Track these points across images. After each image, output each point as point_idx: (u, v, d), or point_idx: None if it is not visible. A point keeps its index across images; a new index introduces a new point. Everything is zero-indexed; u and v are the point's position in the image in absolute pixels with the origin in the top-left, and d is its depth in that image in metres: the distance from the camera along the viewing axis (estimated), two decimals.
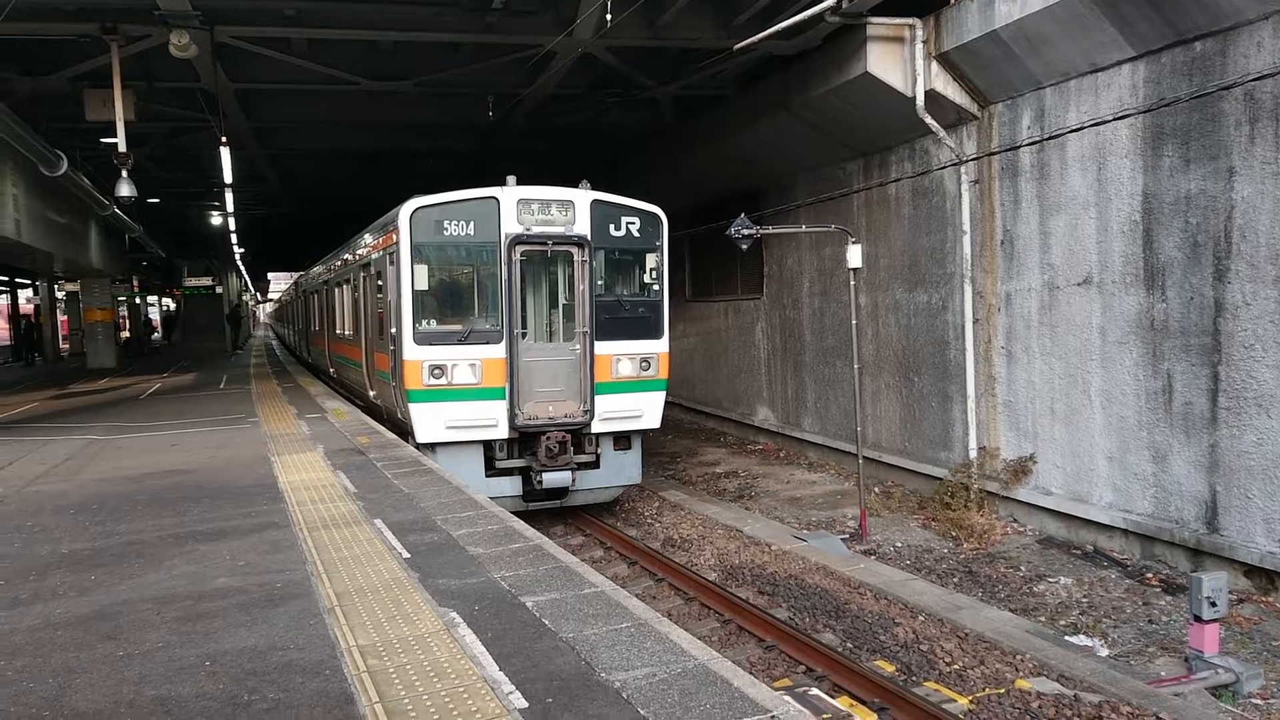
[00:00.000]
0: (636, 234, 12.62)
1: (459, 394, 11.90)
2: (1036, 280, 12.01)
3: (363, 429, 13.45)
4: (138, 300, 48.79)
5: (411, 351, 11.88)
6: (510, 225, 11.93)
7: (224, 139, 17.36)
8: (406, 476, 9.47)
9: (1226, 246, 9.44)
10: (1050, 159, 11.67)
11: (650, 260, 12.86)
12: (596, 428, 12.49)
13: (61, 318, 43.95)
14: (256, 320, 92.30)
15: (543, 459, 12.07)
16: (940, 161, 13.45)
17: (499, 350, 12.01)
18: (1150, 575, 10.23)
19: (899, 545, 12.10)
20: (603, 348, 12.39)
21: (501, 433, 12.12)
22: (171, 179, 26.36)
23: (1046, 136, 11.62)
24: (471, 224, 11.90)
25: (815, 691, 7.55)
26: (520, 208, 11.96)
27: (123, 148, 14.64)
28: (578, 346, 12.41)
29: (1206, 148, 9.59)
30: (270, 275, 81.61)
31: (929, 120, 12.83)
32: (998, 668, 8.17)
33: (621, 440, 13.02)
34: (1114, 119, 10.55)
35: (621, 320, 12.58)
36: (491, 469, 12.42)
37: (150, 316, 56.08)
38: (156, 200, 30.02)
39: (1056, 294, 11.69)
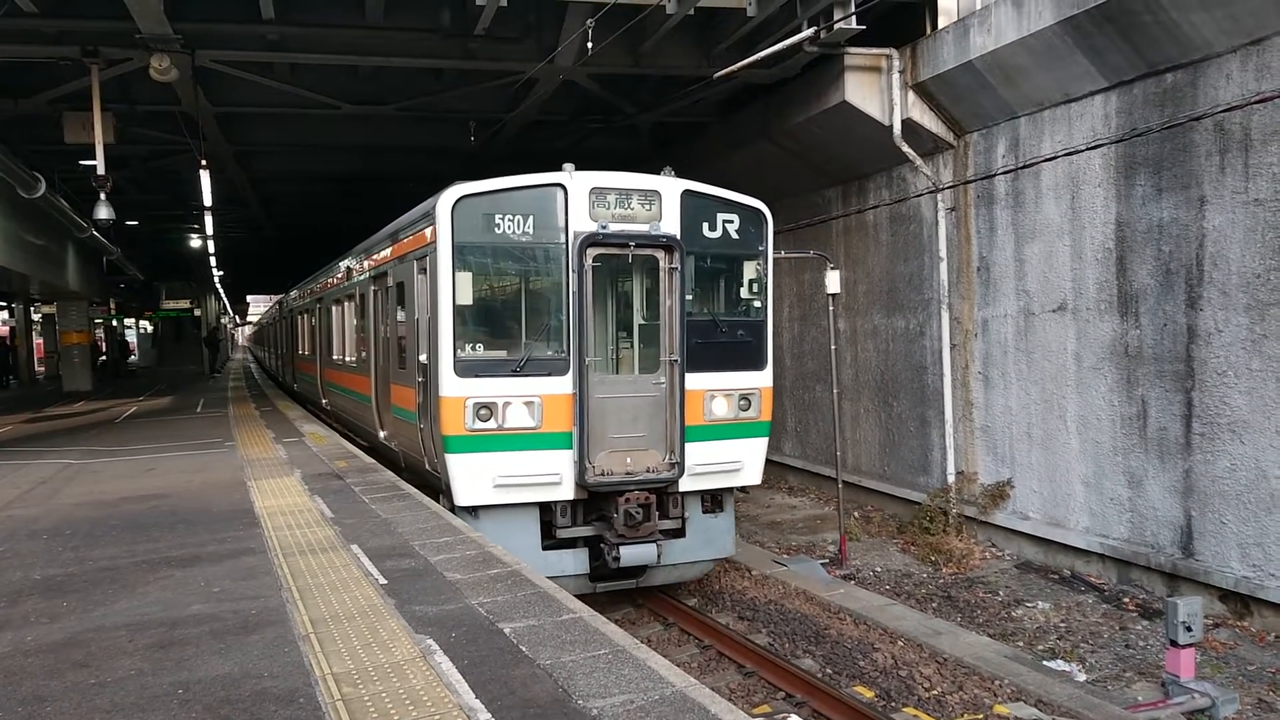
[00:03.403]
0: (735, 235, 10.09)
1: (512, 441, 9.27)
2: (1012, 306, 12.13)
3: (340, 453, 13.36)
4: (114, 323, 48.41)
5: (451, 385, 9.20)
6: (581, 221, 9.35)
7: (204, 162, 17.33)
8: (384, 501, 9.42)
9: (1199, 274, 9.58)
10: (1025, 187, 11.82)
11: (750, 269, 10.33)
12: (685, 485, 9.85)
13: (37, 340, 43.56)
14: (235, 343, 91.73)
15: (620, 527, 9.37)
16: (917, 189, 13.60)
17: (564, 384, 9.33)
18: (1127, 600, 10.28)
19: (878, 570, 12.12)
20: (693, 381, 9.71)
21: (566, 492, 9.46)
22: (151, 202, 26.27)
23: (1021, 165, 11.78)
24: (530, 219, 9.32)
25: (794, 718, 7.54)
26: (593, 199, 9.39)
27: (102, 170, 14.58)
28: (662, 379, 9.70)
29: (1178, 177, 9.75)
30: (250, 298, 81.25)
31: (906, 149, 12.98)
32: (976, 693, 8.19)
33: (711, 500, 10.36)
34: (1087, 148, 10.72)
35: (716, 346, 9.99)
36: (550, 539, 9.71)
37: (126, 339, 55.62)
38: (135, 223, 29.90)
39: (1032, 320, 11.80)
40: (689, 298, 9.78)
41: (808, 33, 11.90)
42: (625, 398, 9.66)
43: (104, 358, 44.22)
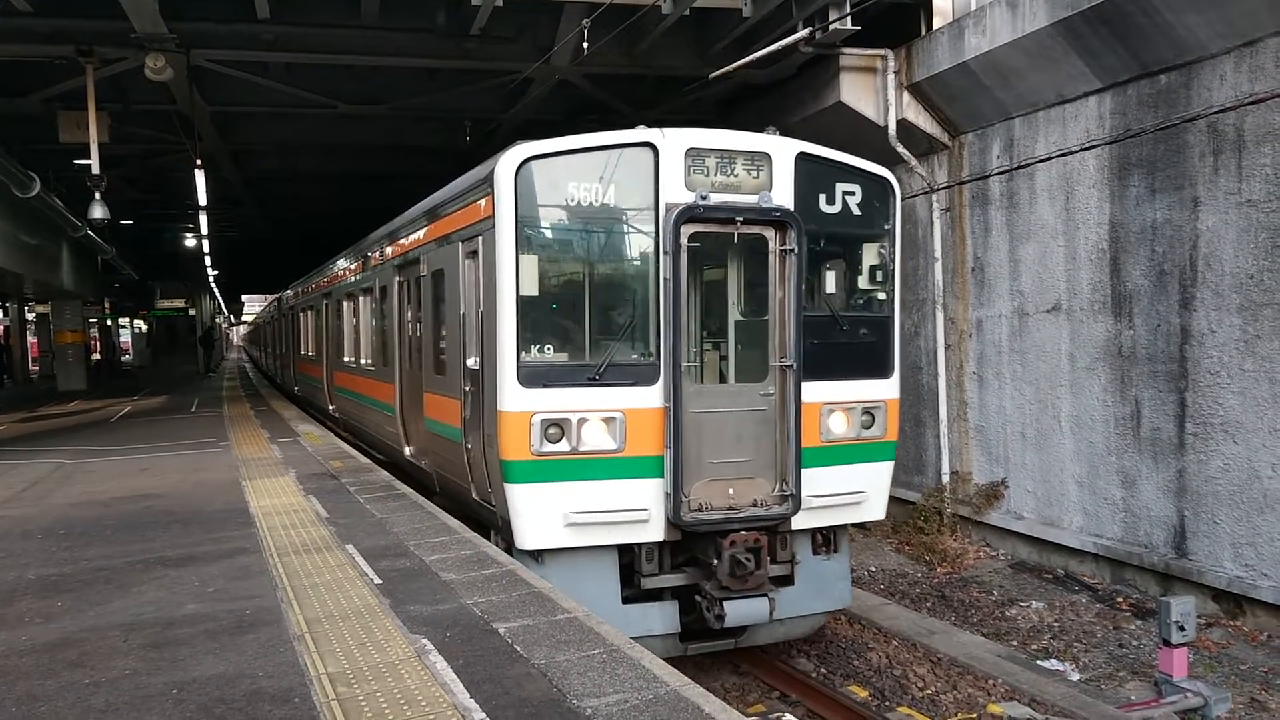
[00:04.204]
0: (857, 210, 8.32)
1: (588, 468, 7.49)
2: (1007, 307, 12.16)
3: (335, 453, 13.36)
4: (109, 322, 48.34)
5: (514, 397, 7.39)
6: (675, 191, 7.58)
7: (199, 161, 17.31)
8: (379, 501, 9.42)
9: (1192, 275, 9.61)
10: (1019, 188, 11.85)
11: (874, 252, 8.60)
12: (800, 522, 7.97)
13: (31, 339, 43.47)
14: (230, 343, 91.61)
15: (723, 576, 7.50)
16: (912, 189, 13.62)
17: (653, 395, 7.52)
18: (1120, 599, 10.31)
19: (873, 569, 12.14)
20: (809, 391, 7.87)
21: (654, 531, 7.63)
22: (146, 201, 26.24)
23: (1016, 166, 11.80)
24: (612, 189, 7.60)
25: (788, 718, 7.55)
26: (690, 163, 7.65)
27: (96, 169, 14.57)
28: (771, 389, 7.86)
29: (1172, 178, 9.78)
30: (245, 298, 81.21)
31: (901, 149, 13.00)
32: (970, 692, 8.21)
33: (822, 538, 8.54)
34: (1081, 149, 10.75)
35: (834, 349, 8.19)
36: (631, 588, 7.83)
37: (114, 340, 55.55)
38: (130, 222, 29.83)
39: (1026, 320, 11.83)
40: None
41: (803, 33, 11.91)
42: (726, 413, 7.78)
43: (98, 357, 44.16)
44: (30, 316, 41.10)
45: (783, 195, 7.84)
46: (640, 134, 7.71)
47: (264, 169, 22.87)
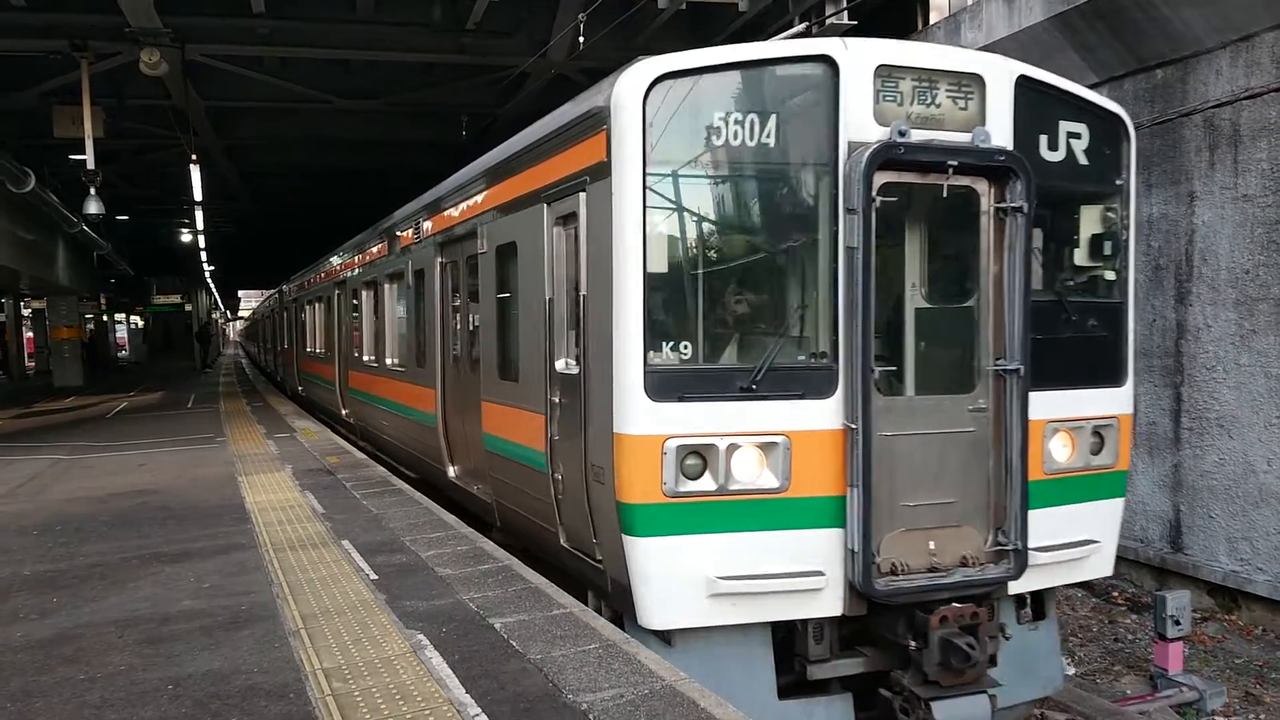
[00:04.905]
0: (1083, 159, 6.22)
1: (741, 515, 5.40)
2: None
3: (332, 448, 13.35)
4: (105, 318, 48.29)
5: (640, 414, 5.33)
6: (861, 125, 5.47)
7: (194, 157, 17.28)
8: (375, 497, 9.41)
9: (1188, 270, 9.62)
10: None
11: (1099, 217, 6.41)
12: (1023, 583, 5.87)
13: (27, 335, 43.42)
14: (226, 338, 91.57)
15: (932, 668, 5.42)
16: None
17: (828, 412, 5.46)
18: (1116, 594, 10.33)
19: None
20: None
21: (830, 602, 5.53)
22: (141, 196, 26.25)
23: None
24: (773, 122, 5.43)
25: None
26: (881, 84, 5.51)
27: (91, 165, 14.56)
28: (983, 403, 5.81)
29: (1168, 173, 9.78)
30: (241, 293, 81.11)
31: None
32: None
33: (1030, 603, 6.52)
34: None
35: (1055, 348, 6.06)
36: (790, 675, 5.75)
37: (118, 334, 55.49)
38: (125, 217, 29.81)
39: None
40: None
41: (799, 28, 11.90)
42: (923, 436, 5.67)
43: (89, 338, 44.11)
44: (26, 312, 41.05)
45: (1000, 134, 5.76)
46: (812, 44, 5.61)
47: (259, 164, 22.87)
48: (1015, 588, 5.85)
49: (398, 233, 11.83)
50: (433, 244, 9.98)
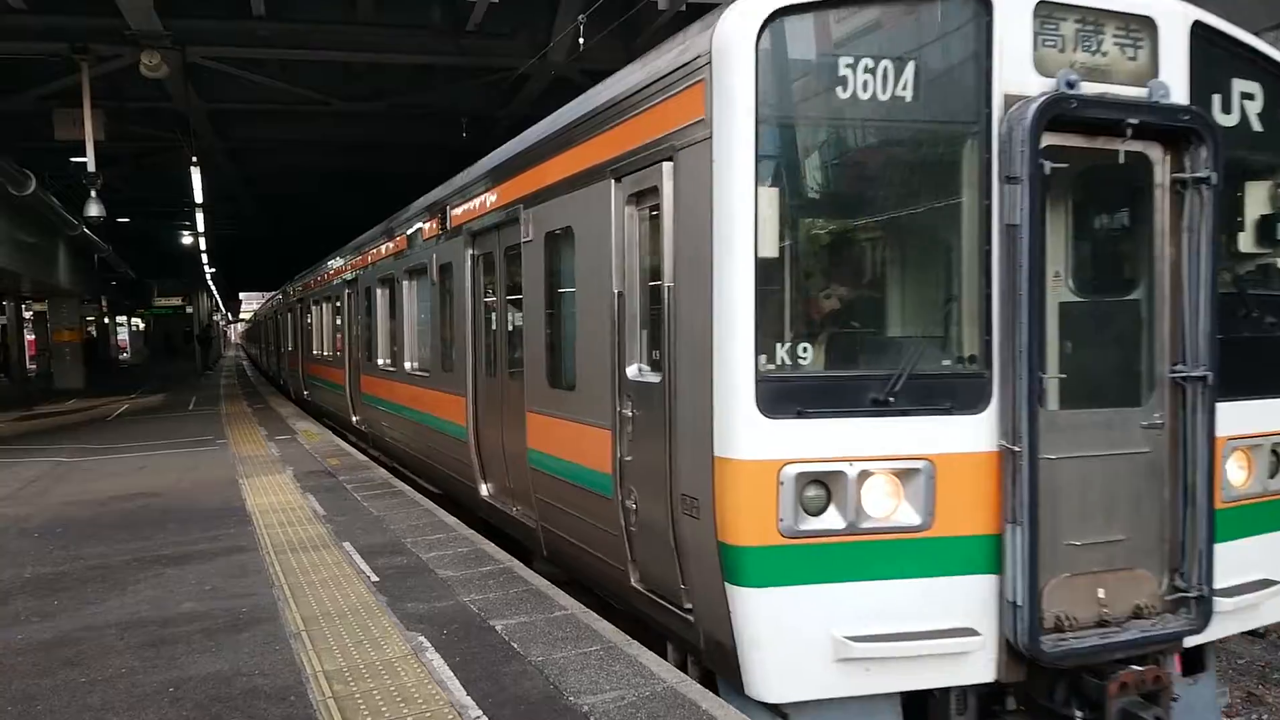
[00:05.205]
0: (1258, 125, 5.23)
1: (874, 560, 4.40)
2: None
3: (332, 450, 13.36)
4: (105, 320, 48.34)
5: (751, 434, 4.30)
6: (1018, 74, 4.47)
7: (195, 159, 17.30)
8: (376, 499, 9.42)
9: None
10: None
11: (1271, 192, 5.33)
12: (1209, 633, 4.82)
13: (29, 337, 43.44)
14: (227, 340, 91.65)
15: None
16: None
17: (980, 430, 4.45)
18: None
19: None
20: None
21: (982, 666, 4.50)
22: (142, 199, 26.26)
23: None
24: (910, 69, 4.37)
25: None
26: (1040, 25, 4.52)
27: (92, 167, 14.58)
28: (1158, 418, 4.78)
29: None
30: (242, 295, 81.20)
31: None
32: None
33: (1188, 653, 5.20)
34: None
35: (1232, 349, 4.91)
36: None
37: (119, 337, 55.53)
38: (126, 220, 29.83)
39: None
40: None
41: None
42: (1089, 459, 4.64)
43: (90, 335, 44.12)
44: (27, 315, 41.07)
45: (1177, 89, 4.75)
46: None
47: (260, 166, 22.91)
48: (1203, 635, 4.78)
49: (419, 224, 10.83)
50: (466, 233, 8.84)
